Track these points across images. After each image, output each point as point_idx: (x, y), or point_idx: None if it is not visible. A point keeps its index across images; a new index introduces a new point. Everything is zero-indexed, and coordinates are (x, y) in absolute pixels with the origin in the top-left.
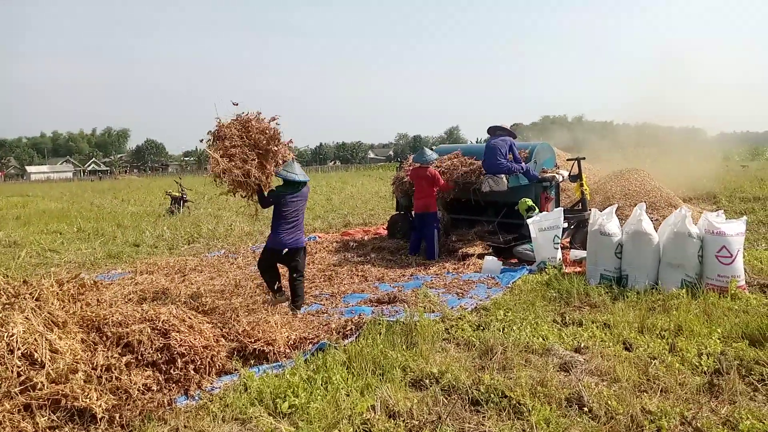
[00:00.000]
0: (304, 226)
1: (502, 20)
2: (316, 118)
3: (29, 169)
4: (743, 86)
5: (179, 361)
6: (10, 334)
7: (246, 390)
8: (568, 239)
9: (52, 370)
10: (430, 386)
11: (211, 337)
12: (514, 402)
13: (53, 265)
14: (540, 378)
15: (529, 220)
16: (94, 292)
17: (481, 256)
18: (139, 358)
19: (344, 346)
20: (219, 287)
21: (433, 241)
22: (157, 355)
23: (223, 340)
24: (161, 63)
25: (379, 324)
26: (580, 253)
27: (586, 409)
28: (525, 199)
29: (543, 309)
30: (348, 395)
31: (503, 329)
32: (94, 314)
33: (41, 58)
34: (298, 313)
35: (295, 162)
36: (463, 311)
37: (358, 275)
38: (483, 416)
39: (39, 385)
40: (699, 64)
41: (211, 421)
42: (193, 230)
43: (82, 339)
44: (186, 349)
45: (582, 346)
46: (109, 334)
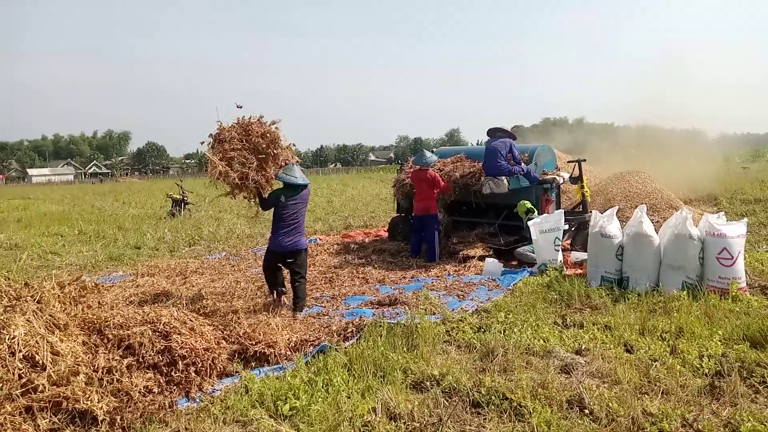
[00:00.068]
0: (304, 229)
1: (502, 20)
2: (316, 119)
3: (30, 171)
4: (743, 86)
5: (180, 363)
6: (12, 337)
7: (247, 392)
8: (568, 241)
9: (54, 372)
10: (431, 388)
11: (212, 339)
12: (515, 404)
13: (54, 268)
14: (541, 380)
15: (530, 222)
16: (96, 295)
17: (482, 258)
18: (140, 360)
19: (345, 348)
20: (220, 289)
21: (434, 244)
22: (158, 358)
23: (224, 343)
24: (161, 63)
25: (380, 326)
26: (581, 255)
27: (587, 411)
28: (524, 202)
29: (544, 311)
30: (349, 397)
31: (504, 331)
32: (96, 316)
33: (41, 58)
34: (299, 315)
35: (296, 165)
36: (464, 313)
37: (358, 277)
38: (484, 418)
39: (40, 388)
40: (699, 64)
41: (212, 423)
42: (194, 233)
43: (84, 341)
44: (187, 352)
45: (583, 348)
46: (111, 337)
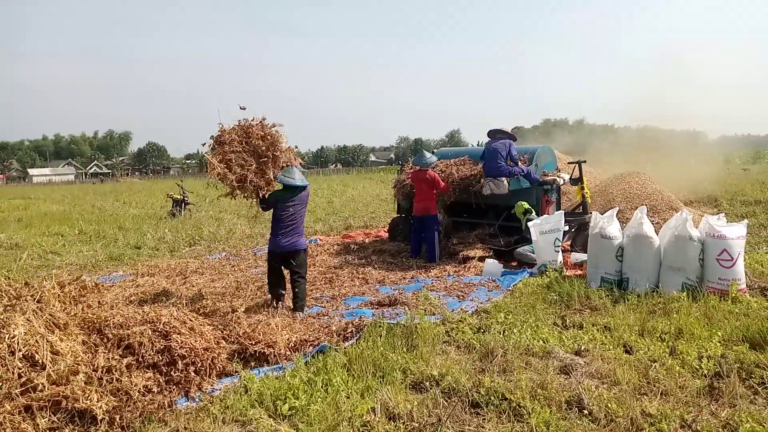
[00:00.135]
0: (304, 230)
1: (502, 20)
2: (316, 119)
3: (31, 171)
4: (743, 87)
5: (180, 362)
6: (12, 336)
7: (246, 392)
8: (568, 242)
9: (53, 371)
10: (431, 389)
11: (212, 339)
12: (514, 404)
13: (55, 267)
14: (540, 381)
15: (530, 223)
16: (96, 294)
17: (482, 259)
18: (140, 359)
19: (345, 348)
20: (220, 289)
21: (434, 244)
22: (158, 357)
23: (224, 342)
24: (161, 63)
25: (380, 326)
26: (581, 256)
27: (586, 412)
28: (521, 203)
29: (543, 312)
30: (348, 397)
31: (504, 332)
32: (96, 316)
33: (41, 58)
34: (298, 315)
35: (296, 167)
36: (464, 314)
37: (358, 278)
38: (483, 419)
39: (40, 387)
40: (699, 65)
41: (212, 422)
42: (195, 233)
43: (83, 341)
44: (187, 351)
45: (582, 348)
46: (110, 336)
